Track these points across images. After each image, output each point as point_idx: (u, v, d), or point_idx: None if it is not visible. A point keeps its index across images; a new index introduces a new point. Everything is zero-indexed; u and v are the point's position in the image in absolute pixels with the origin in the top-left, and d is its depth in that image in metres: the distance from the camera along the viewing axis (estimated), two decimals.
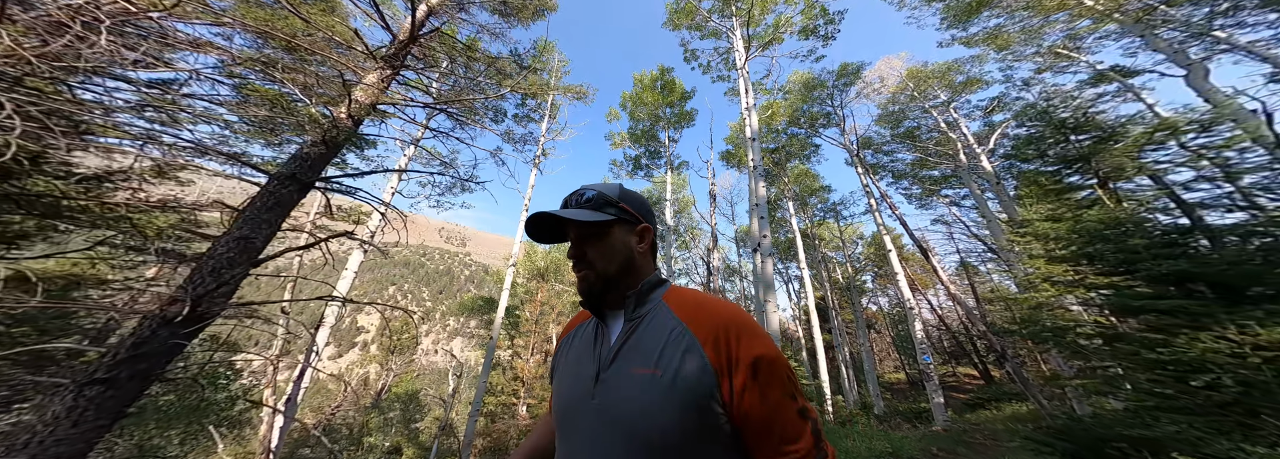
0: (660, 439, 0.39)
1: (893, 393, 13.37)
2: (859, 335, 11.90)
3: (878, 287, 17.53)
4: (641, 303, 0.50)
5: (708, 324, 0.44)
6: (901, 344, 16.58)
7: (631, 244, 0.52)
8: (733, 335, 0.42)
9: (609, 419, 0.43)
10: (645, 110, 10.10)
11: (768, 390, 0.40)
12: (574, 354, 0.53)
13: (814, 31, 6.77)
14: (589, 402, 0.45)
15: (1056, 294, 2.95)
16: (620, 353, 0.46)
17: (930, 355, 6.79)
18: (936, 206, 11.72)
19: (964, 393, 11.21)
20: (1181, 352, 1.73)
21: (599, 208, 0.52)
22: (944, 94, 9.95)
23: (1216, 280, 1.83)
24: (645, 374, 0.42)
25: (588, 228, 0.51)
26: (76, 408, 1.33)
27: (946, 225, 12.29)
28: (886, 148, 10.82)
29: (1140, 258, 2.04)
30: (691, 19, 7.50)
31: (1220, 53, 5.83)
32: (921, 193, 11.17)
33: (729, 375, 0.40)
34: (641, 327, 0.47)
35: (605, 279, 0.50)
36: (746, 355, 0.40)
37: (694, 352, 0.42)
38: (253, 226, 2.31)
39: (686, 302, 0.48)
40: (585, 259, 0.51)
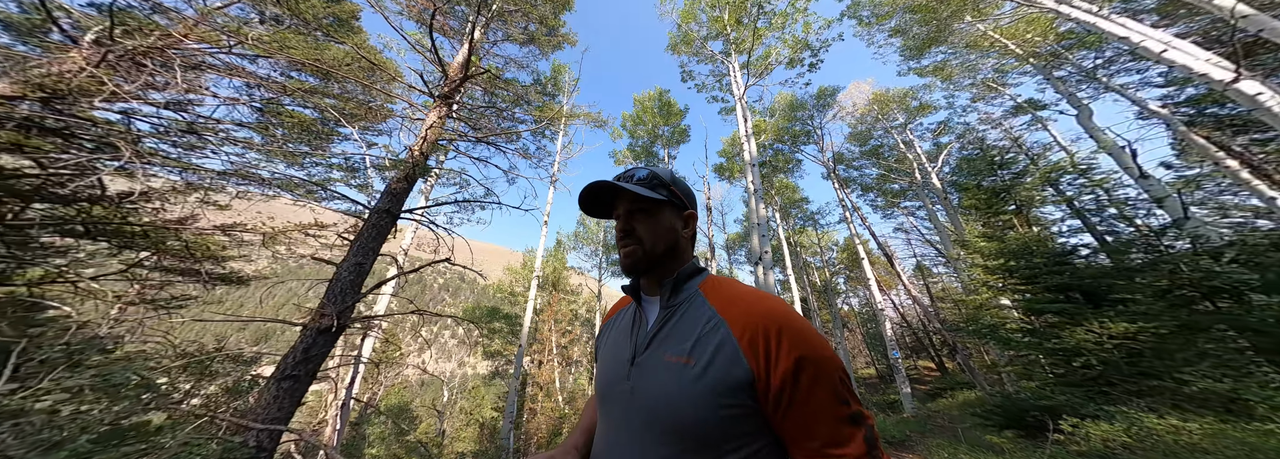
0: (685, 427, 0.39)
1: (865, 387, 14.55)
2: (836, 334, 12.95)
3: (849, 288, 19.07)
4: (678, 291, 0.49)
5: (745, 318, 0.42)
6: (871, 341, 18.05)
7: (678, 228, 0.53)
8: (773, 333, 0.40)
9: (639, 403, 0.43)
10: (644, 129, 10.71)
11: (812, 392, 0.38)
12: (614, 337, 0.54)
13: (799, 62, 7.68)
14: (624, 383, 0.46)
15: (991, 296, 3.75)
16: (656, 339, 0.46)
17: (898, 351, 7.72)
18: (897, 216, 13.24)
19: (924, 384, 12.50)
20: (1067, 341, 2.45)
21: (654, 186, 0.52)
22: (902, 116, 11.36)
23: (1086, 289, 2.59)
24: (677, 362, 0.42)
25: (642, 202, 0.51)
26: (279, 395, 1.99)
27: (905, 233, 13.83)
28: (856, 163, 12.12)
29: (1040, 272, 2.80)
30: (691, 47, 8.22)
31: (1103, 94, 7.35)
32: (884, 204, 12.59)
33: (767, 375, 0.38)
34: (677, 315, 0.47)
35: (651, 257, 0.50)
36: (788, 355, 0.38)
37: (728, 346, 0.41)
38: (363, 254, 2.70)
39: (724, 293, 0.47)
40: (634, 234, 0.51)
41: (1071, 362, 2.45)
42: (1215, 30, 4.85)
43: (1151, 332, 2.29)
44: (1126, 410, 2.02)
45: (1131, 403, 2.12)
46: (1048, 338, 2.54)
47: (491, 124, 5.41)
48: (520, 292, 11.33)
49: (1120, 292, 2.48)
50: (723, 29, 7.50)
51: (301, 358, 2.15)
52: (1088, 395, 2.30)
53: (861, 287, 16.51)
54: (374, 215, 2.93)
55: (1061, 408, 2.34)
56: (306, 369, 2.15)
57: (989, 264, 3.47)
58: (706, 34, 7.93)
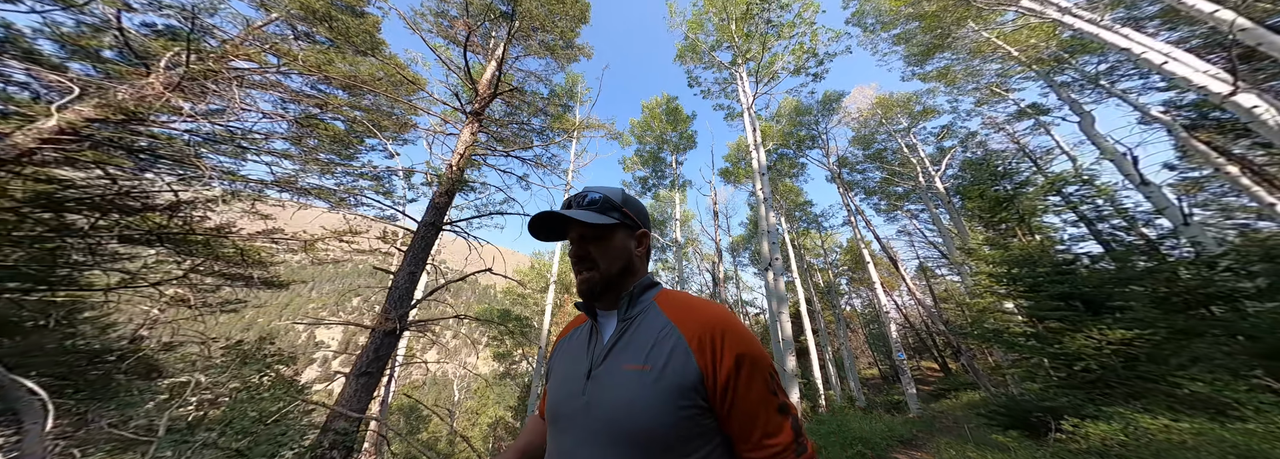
0: (644, 432, 0.40)
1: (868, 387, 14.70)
2: (839, 335, 13.13)
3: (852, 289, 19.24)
4: (634, 304, 0.51)
5: (694, 324, 0.45)
6: (873, 342, 18.20)
7: (631, 247, 0.54)
8: (718, 334, 0.43)
9: (597, 415, 0.43)
10: (652, 135, 10.91)
11: (750, 386, 0.41)
12: (568, 355, 0.55)
13: (805, 70, 7.87)
14: (578, 399, 0.46)
15: (995, 300, 3.92)
16: (613, 350, 0.47)
17: (903, 353, 7.89)
18: (900, 219, 13.42)
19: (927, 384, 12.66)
20: (1068, 346, 2.63)
21: (604, 211, 0.53)
22: (905, 120, 11.51)
23: (1086, 297, 2.76)
24: (636, 370, 0.43)
25: (593, 229, 0.52)
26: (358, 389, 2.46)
27: (908, 235, 13.98)
28: (860, 167, 12.28)
29: (1042, 281, 2.97)
30: (698, 56, 8.42)
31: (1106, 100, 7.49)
32: (888, 207, 12.76)
33: (713, 372, 0.41)
34: (634, 326, 0.48)
35: (607, 279, 0.51)
36: (730, 353, 0.42)
37: (680, 349, 0.43)
38: (415, 264, 2.96)
39: (676, 303, 0.50)
40: (588, 259, 0.52)
41: (1072, 366, 2.63)
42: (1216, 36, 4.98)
43: (1146, 338, 2.47)
44: (1123, 411, 2.20)
45: (1129, 404, 2.30)
46: (1050, 343, 2.72)
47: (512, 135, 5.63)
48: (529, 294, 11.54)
49: (1119, 300, 2.66)
50: (730, 39, 7.70)
51: (373, 357, 2.45)
52: (1088, 397, 2.48)
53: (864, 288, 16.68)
54: (422, 228, 3.17)
55: (1063, 409, 2.52)
56: (377, 366, 2.45)
57: (993, 271, 3.65)
58: (713, 42, 8.14)
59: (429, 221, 3.31)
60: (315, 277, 11.94)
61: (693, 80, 8.99)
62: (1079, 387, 2.59)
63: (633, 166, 11.27)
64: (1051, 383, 2.83)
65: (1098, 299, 2.73)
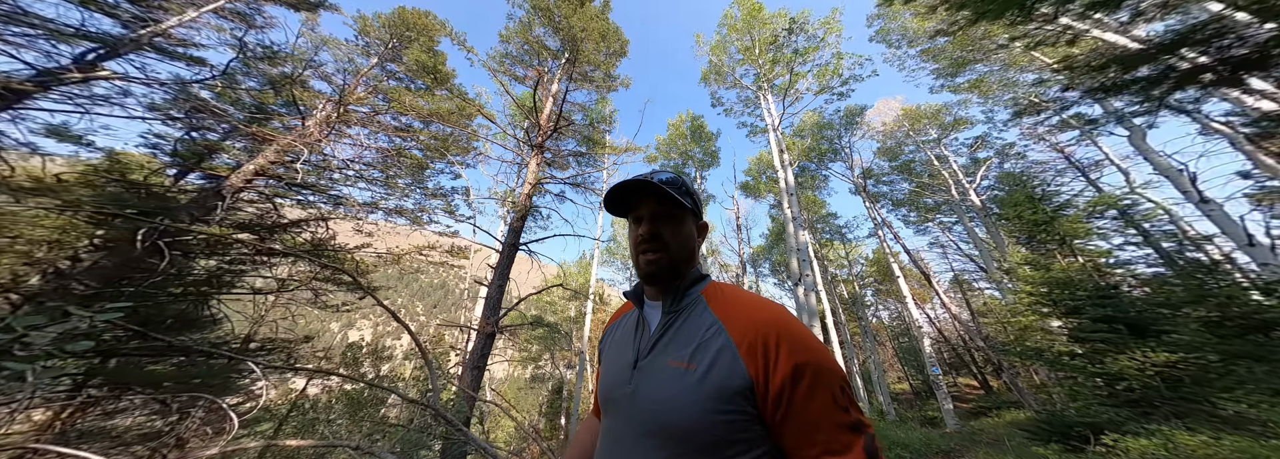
0: (685, 431, 0.39)
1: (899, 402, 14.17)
2: (866, 347, 12.85)
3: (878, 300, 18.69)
4: (682, 296, 0.50)
5: (745, 324, 0.43)
6: (903, 356, 17.50)
7: (695, 236, 0.54)
8: (773, 339, 0.40)
9: (640, 406, 0.43)
10: (677, 151, 11.45)
11: (811, 399, 0.38)
12: (617, 342, 0.55)
13: (829, 89, 8.17)
14: (626, 387, 0.46)
15: (1038, 318, 4.02)
16: (658, 344, 0.47)
17: (938, 368, 7.79)
18: (932, 230, 13.11)
19: (965, 402, 12.09)
20: (1110, 367, 2.80)
21: (681, 193, 0.52)
22: (935, 131, 11.40)
23: (1130, 322, 2.92)
24: (679, 367, 0.43)
25: (670, 208, 0.51)
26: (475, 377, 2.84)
27: (942, 247, 13.60)
28: (886, 178, 12.21)
29: (1083, 305, 3.14)
30: (722, 78, 8.93)
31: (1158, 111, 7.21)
32: (918, 219, 12.54)
33: (765, 380, 0.39)
34: (680, 320, 0.48)
35: (674, 264, 0.50)
36: (787, 361, 0.39)
37: (727, 351, 0.41)
38: (502, 278, 3.58)
39: (725, 298, 0.48)
40: (661, 239, 0.50)
41: (1115, 385, 2.80)
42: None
43: (1192, 361, 2.61)
44: (1164, 429, 2.37)
45: (1171, 422, 2.47)
46: (1092, 362, 2.90)
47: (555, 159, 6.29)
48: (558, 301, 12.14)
49: (1166, 323, 2.80)
50: (754, 62, 8.13)
51: (480, 354, 3.08)
52: (1130, 415, 2.65)
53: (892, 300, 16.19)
54: (505, 249, 3.83)
55: (1104, 424, 2.69)
56: (483, 362, 3.07)
57: (1034, 290, 3.79)
58: (735, 64, 8.59)
59: (510, 243, 3.95)
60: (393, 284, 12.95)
61: (716, 100, 9.47)
62: (1121, 404, 2.76)
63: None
64: (1093, 400, 2.99)
65: (1142, 323, 2.89)
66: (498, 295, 3.49)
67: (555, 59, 5.76)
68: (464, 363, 3.11)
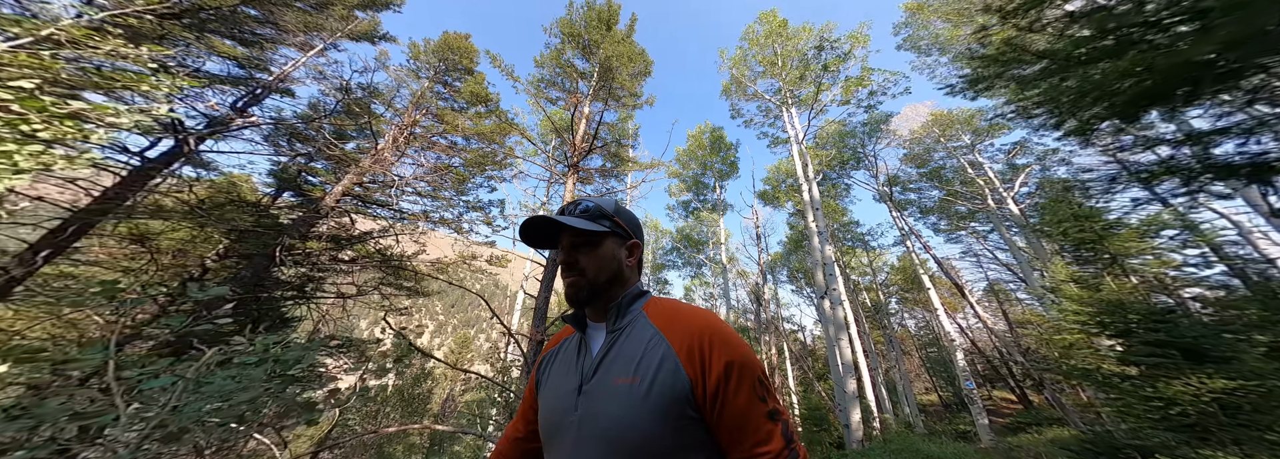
0: (640, 446, 0.40)
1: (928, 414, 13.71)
2: (892, 356, 12.55)
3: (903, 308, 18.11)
4: (623, 314, 0.51)
5: (682, 332, 0.45)
6: (931, 366, 16.87)
7: (621, 257, 0.55)
8: (706, 342, 0.43)
9: (590, 431, 0.43)
10: (697, 161, 11.66)
11: (738, 393, 0.41)
12: (557, 370, 0.55)
13: (854, 101, 8.19)
14: (572, 415, 0.46)
15: (1084, 337, 3.97)
16: (602, 364, 0.47)
17: (973, 382, 7.61)
18: (964, 238, 12.67)
19: (1002, 417, 11.59)
20: (1162, 391, 2.82)
21: (594, 219, 0.55)
22: (968, 137, 11.06)
23: (1185, 347, 2.93)
24: (625, 384, 0.43)
25: (582, 236, 0.54)
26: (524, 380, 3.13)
27: (975, 256, 13.11)
28: (913, 185, 11.93)
29: (1134, 328, 3.15)
30: (742, 90, 9.10)
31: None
32: (949, 227, 12.16)
33: (703, 380, 0.42)
34: (622, 338, 0.49)
35: (593, 287, 0.52)
36: (718, 360, 0.42)
37: (669, 358, 0.43)
38: (547, 290, 3.96)
39: (664, 311, 0.50)
40: (577, 266, 0.52)
41: (1168, 410, 2.83)
42: None
43: (1252, 389, 2.61)
44: (1219, 454, 2.41)
45: (1227, 449, 2.50)
46: (1141, 387, 2.92)
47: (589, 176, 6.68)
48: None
49: (1227, 350, 2.80)
50: (777, 74, 8.24)
51: (532, 357, 3.41)
52: (1182, 440, 2.68)
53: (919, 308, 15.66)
54: (549, 264, 4.22)
55: (1154, 448, 2.72)
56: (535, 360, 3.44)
57: (1080, 310, 3.77)
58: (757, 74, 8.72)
59: (552, 258, 4.33)
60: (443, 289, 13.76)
61: (735, 111, 9.64)
62: (1174, 428, 2.79)
63: (678, 193, 12.07)
64: (1145, 423, 3.01)
65: (1198, 349, 2.90)
66: (544, 306, 3.86)
67: (584, 80, 6.17)
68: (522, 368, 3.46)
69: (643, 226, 0.63)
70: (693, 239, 12.73)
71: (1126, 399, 3.25)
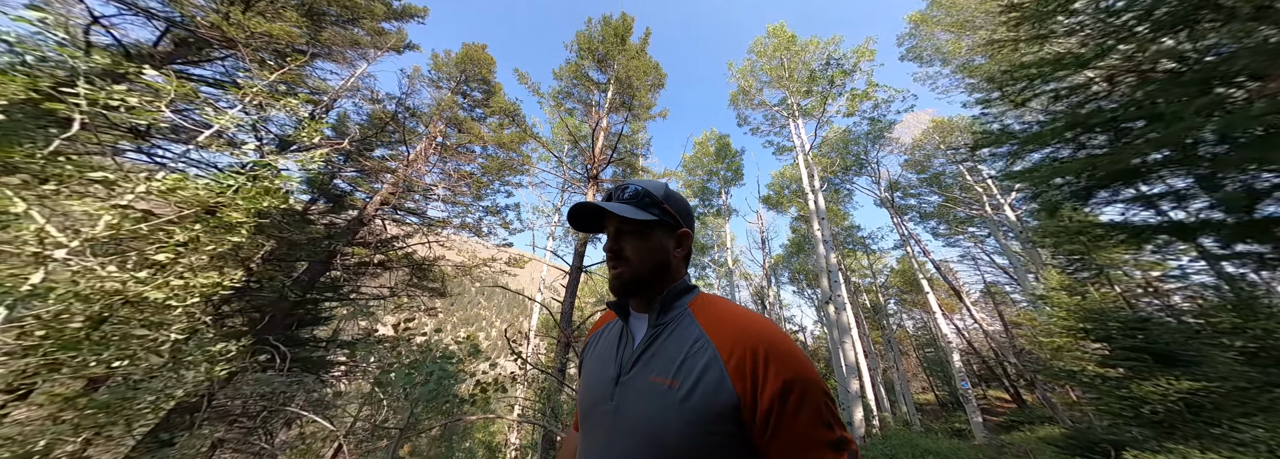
0: (670, 452, 0.38)
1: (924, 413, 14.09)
2: (890, 356, 12.91)
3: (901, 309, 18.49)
4: (667, 309, 0.49)
5: (733, 340, 0.42)
6: (929, 366, 17.26)
7: (669, 247, 0.52)
8: (761, 355, 0.39)
9: (623, 424, 0.42)
10: (702, 168, 11.97)
11: (798, 417, 0.37)
12: (599, 355, 0.53)
13: (859, 113, 8.49)
14: (607, 403, 0.45)
15: (1072, 340, 4.29)
16: (641, 358, 0.45)
17: (968, 381, 7.96)
18: (962, 243, 13.01)
19: (996, 415, 11.97)
20: (1135, 391, 3.15)
21: (644, 206, 0.51)
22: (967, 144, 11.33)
23: (1157, 352, 3.25)
24: (662, 384, 0.41)
25: (629, 224, 0.51)
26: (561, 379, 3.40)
27: (974, 260, 13.45)
28: (914, 191, 12.23)
29: (1113, 334, 3.47)
30: (749, 99, 9.40)
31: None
32: (948, 231, 12.48)
33: (754, 397, 0.38)
34: (665, 334, 0.46)
35: (638, 278, 0.49)
36: (776, 378, 0.38)
37: (714, 368, 0.40)
38: (572, 295, 4.28)
39: (713, 312, 0.47)
40: (622, 255, 0.50)
41: (1140, 408, 3.16)
42: None
43: (1213, 390, 2.93)
44: (1181, 448, 2.74)
45: (1189, 443, 2.83)
46: (1117, 387, 3.25)
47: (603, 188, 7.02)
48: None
49: (1194, 353, 3.12)
50: (784, 85, 8.52)
51: (562, 362, 3.72)
52: (1151, 435, 3.01)
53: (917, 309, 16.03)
54: (573, 271, 4.56)
55: (1127, 442, 3.06)
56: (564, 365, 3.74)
57: (1068, 318, 4.09)
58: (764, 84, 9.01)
59: (576, 266, 4.69)
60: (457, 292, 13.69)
61: (742, 119, 9.96)
62: (1145, 425, 3.12)
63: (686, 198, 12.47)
64: (1120, 419, 3.34)
65: (1170, 354, 3.22)
66: (569, 311, 4.18)
67: (600, 90, 6.46)
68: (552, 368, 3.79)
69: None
70: (699, 243, 13.05)
71: (1106, 398, 3.58)
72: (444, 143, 6.04)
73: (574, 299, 4.41)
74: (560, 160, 6.55)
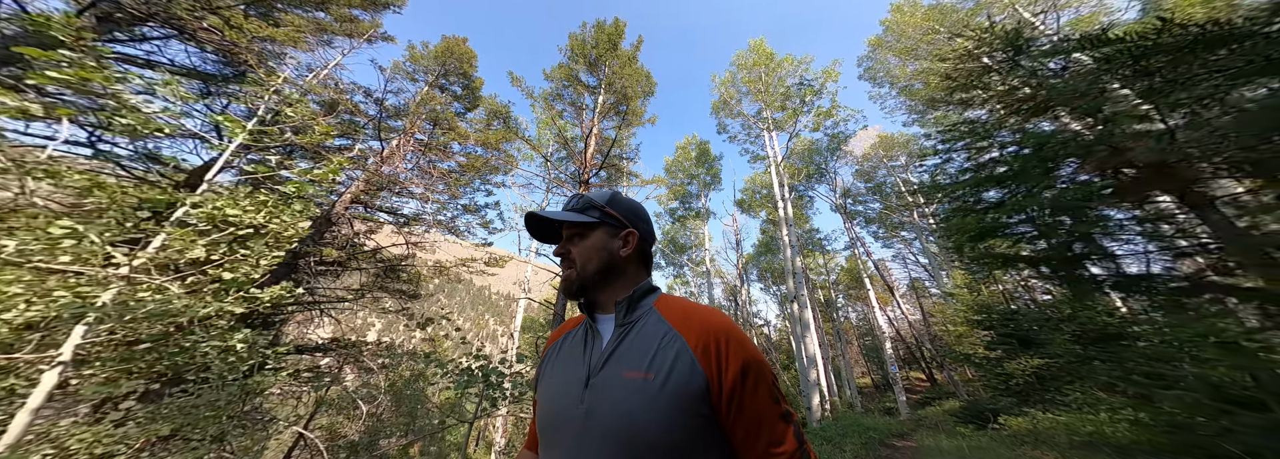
0: (649, 443, 0.39)
1: (863, 395, 16.14)
2: (839, 346, 14.59)
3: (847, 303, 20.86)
4: (633, 309, 0.51)
5: (697, 330, 0.45)
6: (867, 353, 19.70)
7: (613, 247, 0.54)
8: (722, 341, 0.43)
9: (597, 425, 0.42)
10: (684, 172, 12.42)
11: (755, 394, 0.41)
12: (562, 361, 0.53)
13: (822, 128, 9.45)
14: (577, 408, 0.44)
15: (969, 329, 5.35)
16: (612, 357, 0.46)
17: (897, 366, 9.34)
18: (895, 244, 15.02)
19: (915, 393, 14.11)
20: (1007, 370, 4.08)
21: (582, 210, 0.55)
22: (904, 158, 13.04)
23: (1020, 337, 4.22)
24: (637, 378, 0.42)
25: (573, 228, 0.55)
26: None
27: (903, 259, 15.56)
28: (862, 198, 13.83)
29: (995, 324, 4.43)
30: (729, 109, 9.96)
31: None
32: (886, 234, 14.33)
33: (719, 379, 0.41)
34: (633, 332, 0.48)
35: (583, 277, 0.52)
36: (735, 360, 0.42)
37: (685, 356, 0.43)
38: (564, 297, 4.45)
39: (676, 308, 0.49)
40: (569, 257, 0.54)
41: (1010, 382, 4.10)
42: None
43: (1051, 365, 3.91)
44: (1032, 411, 3.64)
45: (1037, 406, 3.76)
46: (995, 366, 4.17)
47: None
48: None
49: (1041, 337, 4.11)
50: (760, 97, 9.21)
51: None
52: (1015, 402, 3.94)
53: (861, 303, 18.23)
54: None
55: (1000, 409, 3.98)
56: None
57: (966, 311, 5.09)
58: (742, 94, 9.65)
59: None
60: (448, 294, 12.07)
61: (722, 127, 10.55)
62: (1011, 395, 4.06)
63: (666, 201, 12.79)
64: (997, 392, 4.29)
65: (1029, 338, 4.20)
66: (562, 313, 4.29)
67: (593, 94, 6.50)
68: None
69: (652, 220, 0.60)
70: (678, 243, 13.54)
71: (988, 376, 4.56)
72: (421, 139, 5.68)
73: (566, 301, 4.52)
74: (547, 160, 6.48)
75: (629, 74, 6.09)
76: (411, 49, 6.29)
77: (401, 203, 5.82)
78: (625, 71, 6.08)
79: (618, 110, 6.76)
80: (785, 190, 7.63)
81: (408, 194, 5.63)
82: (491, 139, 6.17)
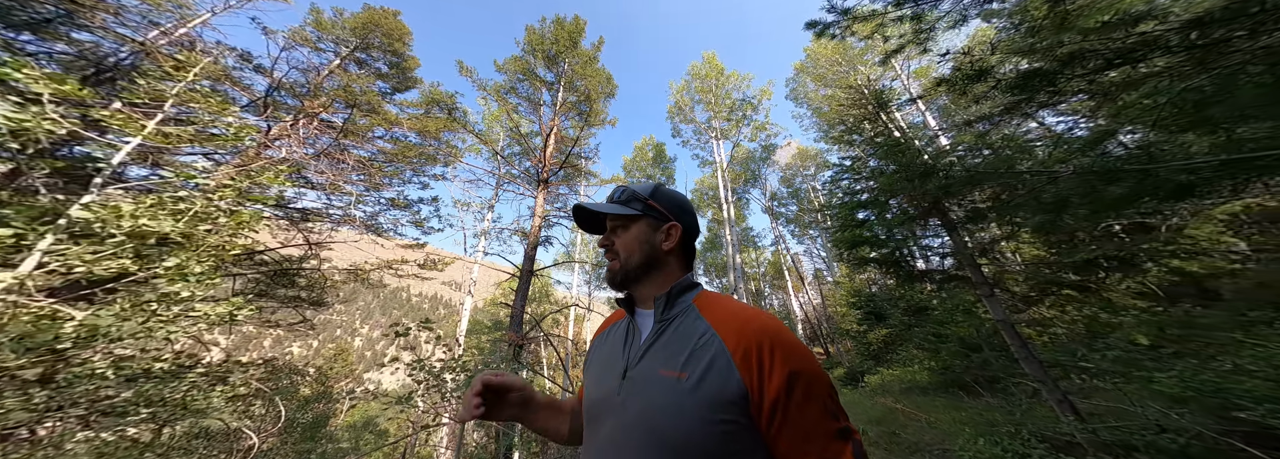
0: (678, 442, 0.39)
1: None
2: None
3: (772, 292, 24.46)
4: (671, 304, 0.50)
5: (738, 333, 0.42)
6: None
7: (656, 240, 0.53)
8: (766, 348, 0.40)
9: (631, 417, 0.43)
10: (642, 173, 12.82)
11: (804, 408, 0.38)
12: (606, 350, 0.55)
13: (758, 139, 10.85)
14: (615, 397, 0.46)
15: (848, 309, 6.93)
16: (649, 352, 0.46)
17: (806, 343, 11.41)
18: (805, 241, 18.15)
19: None
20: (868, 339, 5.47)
21: (626, 202, 0.55)
22: (813, 168, 15.63)
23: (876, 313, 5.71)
24: (671, 377, 0.42)
25: (614, 219, 0.56)
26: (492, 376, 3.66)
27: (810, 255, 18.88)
28: (784, 201, 16.22)
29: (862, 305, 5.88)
30: (684, 116, 10.68)
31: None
32: (799, 232, 17.17)
33: (760, 388, 0.39)
34: (671, 328, 0.47)
35: (626, 270, 0.52)
36: (781, 369, 0.39)
37: (721, 360, 0.41)
38: (522, 299, 4.29)
39: (718, 307, 0.48)
40: (612, 248, 0.54)
41: (869, 348, 5.51)
42: None
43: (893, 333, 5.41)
44: (881, 369, 5.00)
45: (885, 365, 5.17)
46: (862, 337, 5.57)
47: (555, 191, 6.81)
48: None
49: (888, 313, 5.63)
50: (710, 106, 10.13)
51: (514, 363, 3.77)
52: (873, 365, 5.34)
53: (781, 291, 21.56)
54: (524, 274, 4.51)
55: (864, 371, 5.34)
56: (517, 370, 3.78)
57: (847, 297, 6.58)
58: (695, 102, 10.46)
59: (527, 269, 4.68)
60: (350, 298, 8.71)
61: (676, 132, 11.26)
62: (871, 358, 5.47)
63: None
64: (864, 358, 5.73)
65: (880, 312, 5.71)
66: (520, 314, 4.21)
67: (551, 90, 6.27)
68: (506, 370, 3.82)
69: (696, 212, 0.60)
70: None
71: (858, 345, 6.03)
72: (328, 119, 4.70)
73: (524, 302, 4.36)
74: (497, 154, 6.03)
75: (590, 74, 6.04)
76: (316, 14, 5.12)
77: (297, 195, 4.84)
78: (587, 72, 6.01)
79: (578, 110, 6.65)
80: (729, 193, 8.55)
81: (306, 183, 4.69)
82: (430, 127, 5.49)
